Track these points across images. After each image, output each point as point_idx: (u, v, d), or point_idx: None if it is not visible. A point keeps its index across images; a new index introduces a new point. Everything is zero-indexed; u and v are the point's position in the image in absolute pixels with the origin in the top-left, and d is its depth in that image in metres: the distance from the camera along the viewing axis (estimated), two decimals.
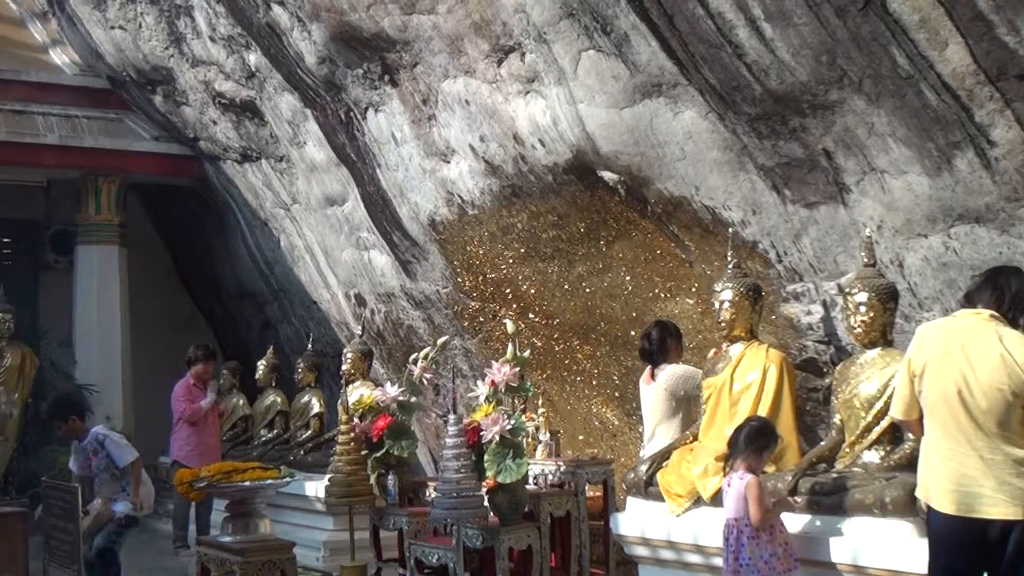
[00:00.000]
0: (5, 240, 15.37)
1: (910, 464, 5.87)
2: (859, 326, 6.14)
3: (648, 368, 7.75)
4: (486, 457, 7.85)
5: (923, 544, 5.48)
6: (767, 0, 6.05)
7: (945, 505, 4.69)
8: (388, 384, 9.43)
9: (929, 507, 4.85)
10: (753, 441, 5.86)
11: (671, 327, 7.83)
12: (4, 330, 12.61)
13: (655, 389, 7.63)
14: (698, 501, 6.69)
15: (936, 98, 5.67)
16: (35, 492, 10.21)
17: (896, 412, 5.14)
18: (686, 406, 7.55)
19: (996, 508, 4.57)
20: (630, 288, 8.81)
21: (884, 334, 6.13)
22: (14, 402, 11.83)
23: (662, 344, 7.69)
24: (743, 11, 6.21)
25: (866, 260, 6.30)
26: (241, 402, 12.67)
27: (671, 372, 7.57)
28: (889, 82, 5.84)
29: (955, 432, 4.69)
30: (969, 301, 4.99)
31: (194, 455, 10.54)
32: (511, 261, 9.57)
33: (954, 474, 4.68)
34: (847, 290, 6.32)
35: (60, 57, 14.27)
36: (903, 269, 6.53)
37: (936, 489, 4.76)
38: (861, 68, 5.92)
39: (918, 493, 5.06)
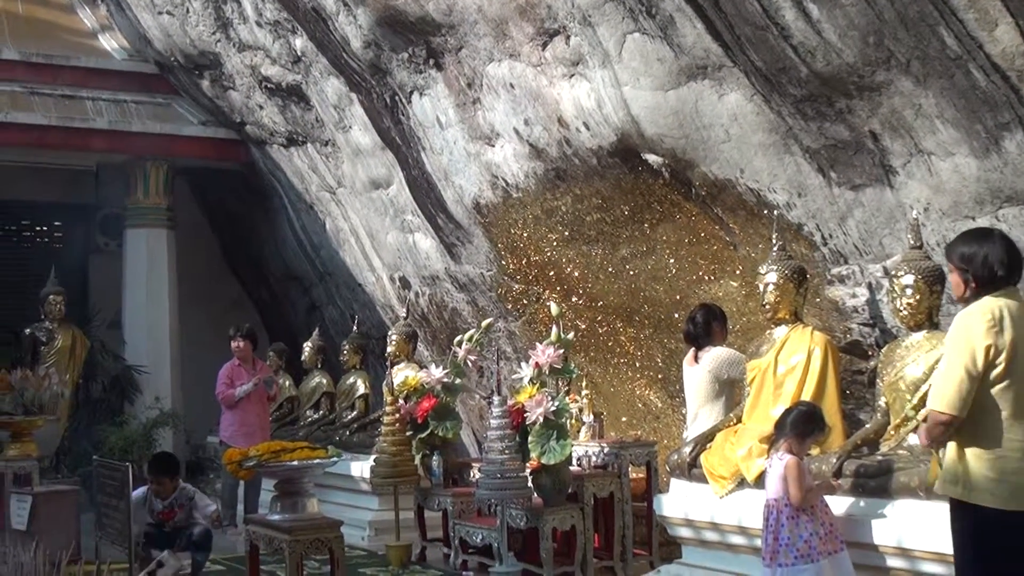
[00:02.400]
0: (56, 223, 15.57)
1: None
2: (905, 308, 6.09)
3: (692, 350, 7.74)
4: (530, 438, 7.89)
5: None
6: None
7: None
8: (433, 366, 9.50)
9: (995, 509, 4.33)
10: (799, 425, 5.85)
11: (716, 310, 7.80)
12: (55, 312, 12.77)
13: (699, 371, 7.62)
14: (742, 483, 6.68)
15: (985, 79, 5.62)
16: (87, 471, 10.34)
17: (954, 408, 4.36)
18: (729, 389, 7.53)
19: None
20: (674, 271, 8.79)
21: (930, 316, 6.09)
22: (65, 383, 11.97)
23: (707, 327, 7.66)
24: None
25: (912, 242, 6.26)
26: (287, 383, 12.78)
27: (715, 355, 7.55)
28: (937, 63, 5.80)
29: None
30: (1009, 280, 4.51)
31: (239, 436, 10.65)
32: (555, 244, 9.58)
33: None
34: (893, 272, 6.28)
35: (109, 42, 14.39)
36: None
37: (1018, 487, 4.33)
38: (909, 49, 5.87)
39: (983, 500, 4.38)
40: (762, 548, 5.91)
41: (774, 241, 7.07)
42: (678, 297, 8.86)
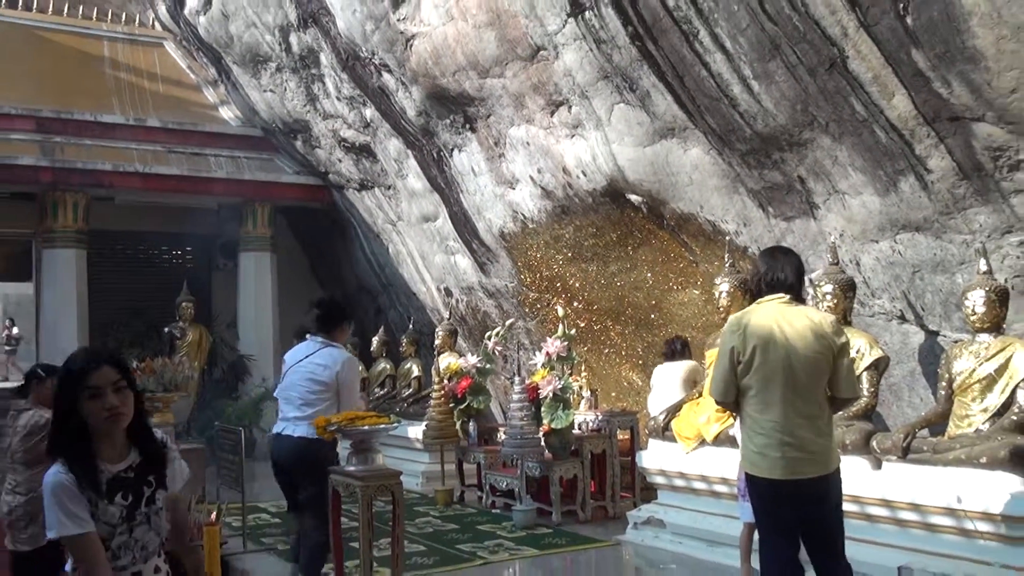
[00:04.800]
0: (187, 249, 15.65)
1: (864, 415, 5.83)
2: (826, 310, 6.05)
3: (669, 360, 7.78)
4: (543, 409, 7.89)
5: (875, 477, 5.43)
6: (755, 63, 6.00)
7: (778, 472, 3.85)
8: (469, 354, 9.50)
9: (761, 478, 3.91)
10: None
11: (686, 339, 7.85)
12: (187, 314, 12.85)
13: (680, 367, 7.62)
14: (703, 442, 6.66)
15: (885, 136, 5.60)
16: (211, 434, 10.36)
17: (717, 396, 4.04)
18: (693, 384, 7.55)
19: (813, 468, 3.86)
20: (650, 282, 8.78)
21: (845, 316, 6.06)
22: (194, 368, 11.99)
23: (683, 349, 7.71)
24: (737, 72, 6.17)
25: (831, 260, 6.23)
26: (360, 368, 12.78)
27: (693, 364, 7.59)
28: (849, 124, 5.78)
29: (780, 408, 3.86)
30: (773, 289, 4.01)
31: None
32: (561, 262, 9.58)
33: (786, 444, 3.84)
34: (817, 283, 6.25)
35: (226, 113, 14.46)
36: (859, 267, 6.45)
37: (773, 460, 3.85)
38: (827, 114, 5.86)
39: (751, 470, 3.95)
40: (740, 488, 5.76)
41: (726, 259, 7.06)
42: (654, 302, 8.85)
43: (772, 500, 3.91)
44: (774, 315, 3.95)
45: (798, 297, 4.06)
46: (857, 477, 5.39)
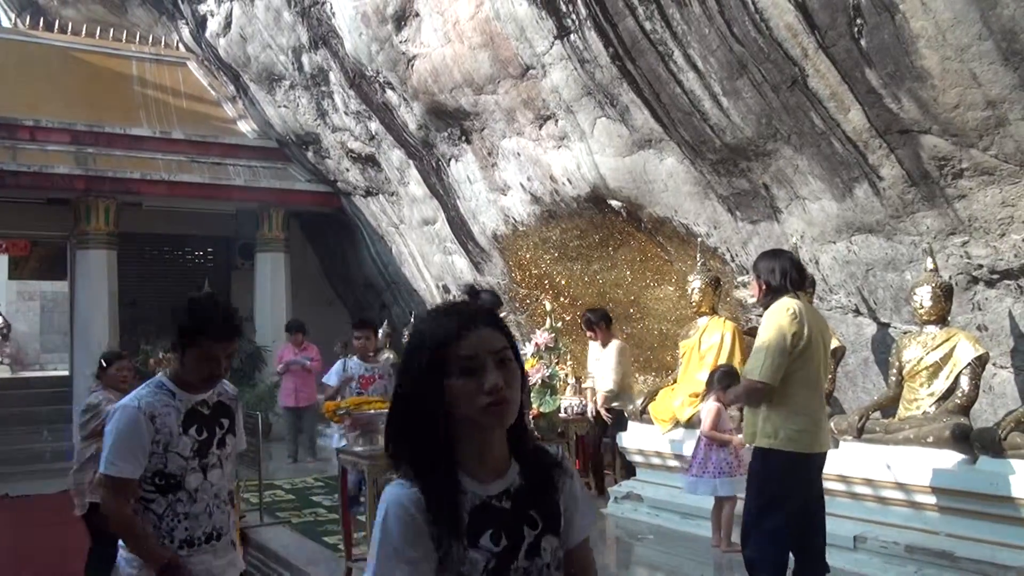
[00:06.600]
0: (208, 249, 15.60)
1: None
2: None
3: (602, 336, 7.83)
4: (532, 394, 7.85)
5: (833, 455, 5.42)
6: (724, 81, 6.01)
7: (816, 446, 4.06)
8: None
9: (799, 453, 3.99)
10: (722, 380, 5.82)
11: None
12: None
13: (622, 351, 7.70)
14: (677, 424, 6.67)
15: (842, 147, 5.61)
16: None
17: (768, 378, 3.98)
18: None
19: (827, 443, 4.19)
20: (630, 280, 8.78)
21: None
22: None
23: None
24: (707, 89, 6.17)
25: None
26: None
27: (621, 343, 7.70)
28: (809, 136, 5.79)
29: (818, 391, 4.13)
30: (797, 287, 4.22)
31: (286, 397, 10.84)
32: (548, 261, 9.57)
33: (820, 422, 4.12)
34: None
35: (244, 127, 14.40)
36: (818, 265, 6.46)
37: (813, 436, 4.04)
38: (789, 127, 5.86)
39: (789, 447, 3.98)
40: (692, 465, 5.83)
41: (698, 259, 7.07)
42: (632, 298, 8.85)
43: (804, 472, 4.03)
44: (812, 309, 4.22)
45: None
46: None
